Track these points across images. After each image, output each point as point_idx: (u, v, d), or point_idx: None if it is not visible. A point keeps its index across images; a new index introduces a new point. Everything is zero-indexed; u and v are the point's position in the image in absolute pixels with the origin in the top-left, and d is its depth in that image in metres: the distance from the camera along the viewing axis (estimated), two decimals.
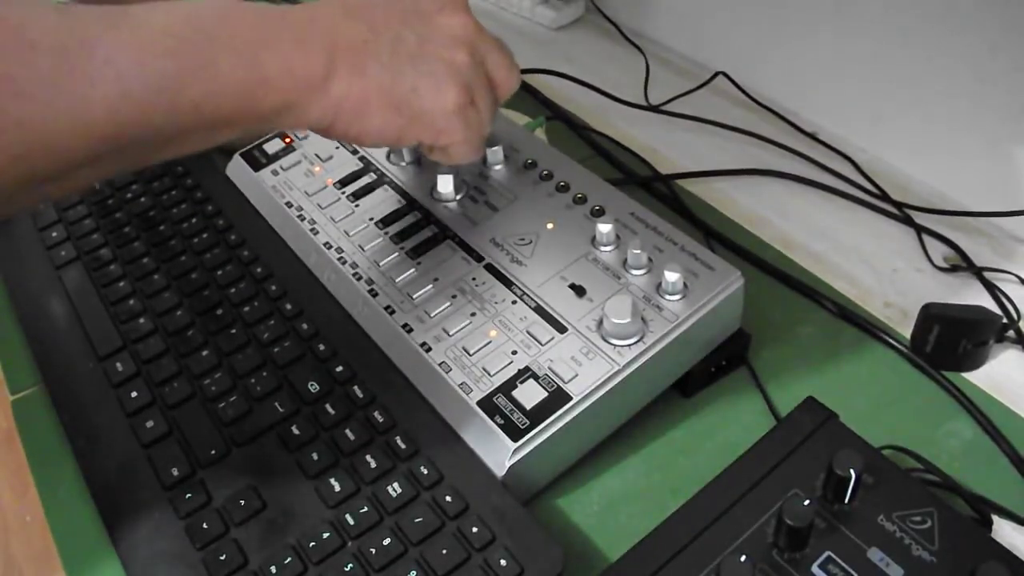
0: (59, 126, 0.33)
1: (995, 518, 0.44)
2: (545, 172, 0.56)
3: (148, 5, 0.36)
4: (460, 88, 0.43)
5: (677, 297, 0.47)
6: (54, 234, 0.60)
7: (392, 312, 0.50)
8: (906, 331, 0.54)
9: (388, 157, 0.60)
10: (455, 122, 0.43)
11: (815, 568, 0.37)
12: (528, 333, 0.47)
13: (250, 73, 0.37)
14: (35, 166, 0.33)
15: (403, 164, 0.59)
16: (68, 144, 0.34)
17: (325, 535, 0.41)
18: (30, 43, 0.32)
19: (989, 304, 0.56)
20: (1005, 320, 0.54)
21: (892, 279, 0.59)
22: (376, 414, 0.46)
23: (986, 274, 0.58)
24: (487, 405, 0.44)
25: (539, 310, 0.48)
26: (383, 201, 0.57)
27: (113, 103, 0.34)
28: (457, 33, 0.44)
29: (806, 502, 0.38)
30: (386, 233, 0.55)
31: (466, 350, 0.47)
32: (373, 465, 0.44)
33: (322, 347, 0.50)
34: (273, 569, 0.40)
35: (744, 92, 0.76)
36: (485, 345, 0.47)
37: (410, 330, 0.49)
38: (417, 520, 0.42)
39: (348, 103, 0.40)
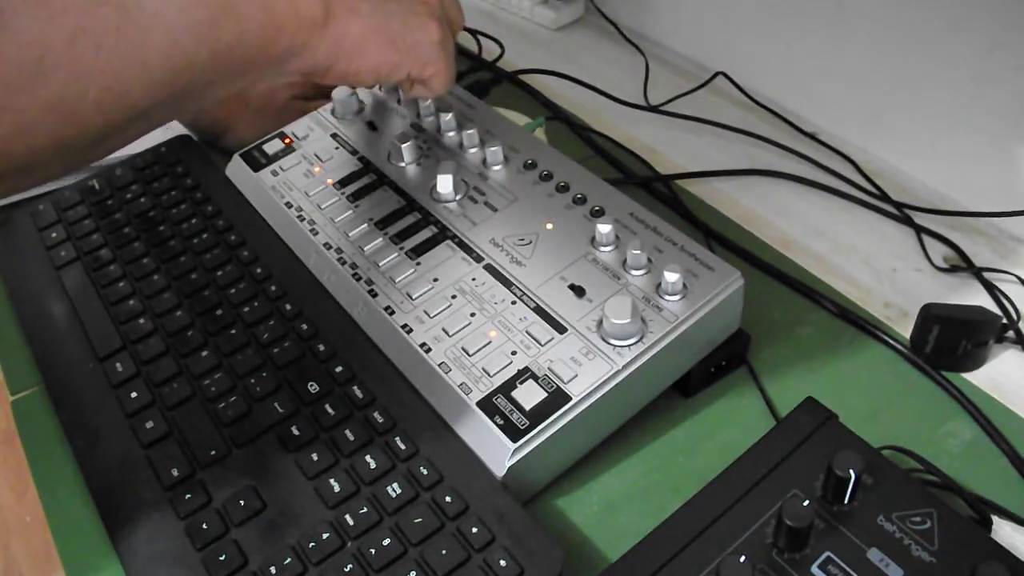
0: (126, 73, 0.37)
1: (995, 518, 0.44)
2: (545, 172, 0.56)
3: None
4: (438, 22, 0.49)
5: (677, 297, 0.47)
6: (54, 234, 0.60)
7: (392, 312, 0.50)
8: (906, 331, 0.54)
9: (388, 158, 0.60)
10: (439, 52, 0.49)
11: (815, 568, 0.37)
12: (528, 333, 0.47)
13: (266, 16, 0.41)
14: (109, 115, 0.37)
15: (403, 164, 0.59)
16: (135, 92, 0.37)
17: (325, 535, 0.41)
18: None
19: (989, 304, 0.56)
20: (1005, 320, 0.54)
21: (892, 279, 0.59)
22: (376, 414, 0.46)
23: (986, 274, 0.58)
24: (487, 405, 0.44)
25: (539, 310, 0.48)
26: (383, 201, 0.57)
27: (166, 50, 0.38)
28: None
29: (806, 502, 0.38)
30: (386, 233, 0.55)
31: (466, 350, 0.47)
32: (373, 465, 0.44)
33: (322, 347, 0.50)
34: (273, 570, 0.40)
35: (744, 92, 0.76)
36: (485, 345, 0.47)
37: (410, 330, 0.49)
38: (417, 520, 0.42)
39: (347, 42, 0.45)
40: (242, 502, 0.43)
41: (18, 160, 0.36)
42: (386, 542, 0.41)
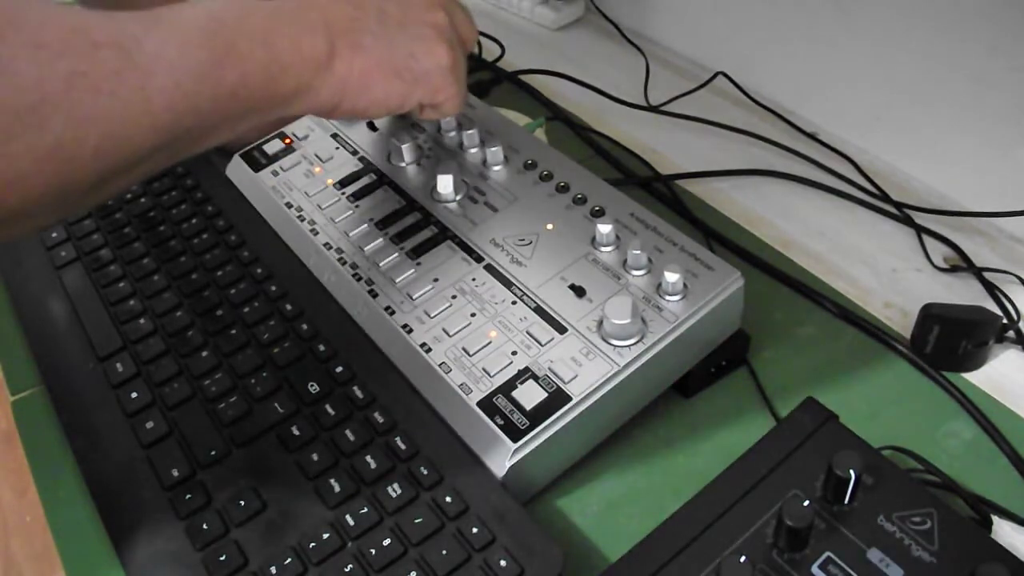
0: (127, 118, 0.35)
1: (995, 518, 0.44)
2: (545, 172, 0.56)
3: (174, 6, 0.39)
4: (447, 46, 0.47)
5: (677, 297, 0.47)
6: (54, 234, 0.60)
7: (392, 312, 0.50)
8: (906, 331, 0.54)
9: (388, 158, 0.60)
10: (449, 77, 0.48)
11: (815, 569, 0.37)
12: (528, 333, 0.47)
13: (270, 58, 0.40)
14: (109, 161, 0.35)
15: (403, 164, 0.59)
16: (136, 136, 0.36)
17: (325, 536, 0.41)
18: (93, 42, 0.34)
19: (989, 304, 0.56)
20: (1005, 320, 0.54)
21: (892, 279, 0.59)
22: (376, 415, 0.46)
23: (986, 274, 0.58)
24: (487, 406, 0.44)
25: (539, 310, 0.48)
26: (383, 201, 0.57)
27: (168, 93, 0.36)
28: None
29: (806, 502, 0.38)
30: (386, 234, 0.55)
31: (466, 350, 0.47)
32: (373, 466, 0.44)
33: (322, 348, 0.50)
34: (273, 570, 0.40)
35: (744, 92, 0.76)
36: (485, 346, 0.47)
37: (410, 330, 0.49)
38: (417, 521, 0.42)
39: (353, 78, 0.44)
40: (242, 502, 0.43)
41: (9, 209, 0.33)
42: (386, 542, 0.41)
